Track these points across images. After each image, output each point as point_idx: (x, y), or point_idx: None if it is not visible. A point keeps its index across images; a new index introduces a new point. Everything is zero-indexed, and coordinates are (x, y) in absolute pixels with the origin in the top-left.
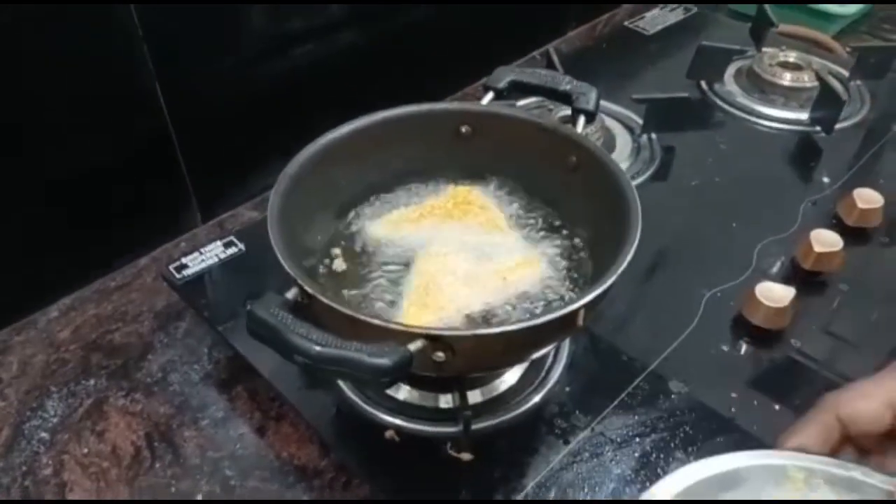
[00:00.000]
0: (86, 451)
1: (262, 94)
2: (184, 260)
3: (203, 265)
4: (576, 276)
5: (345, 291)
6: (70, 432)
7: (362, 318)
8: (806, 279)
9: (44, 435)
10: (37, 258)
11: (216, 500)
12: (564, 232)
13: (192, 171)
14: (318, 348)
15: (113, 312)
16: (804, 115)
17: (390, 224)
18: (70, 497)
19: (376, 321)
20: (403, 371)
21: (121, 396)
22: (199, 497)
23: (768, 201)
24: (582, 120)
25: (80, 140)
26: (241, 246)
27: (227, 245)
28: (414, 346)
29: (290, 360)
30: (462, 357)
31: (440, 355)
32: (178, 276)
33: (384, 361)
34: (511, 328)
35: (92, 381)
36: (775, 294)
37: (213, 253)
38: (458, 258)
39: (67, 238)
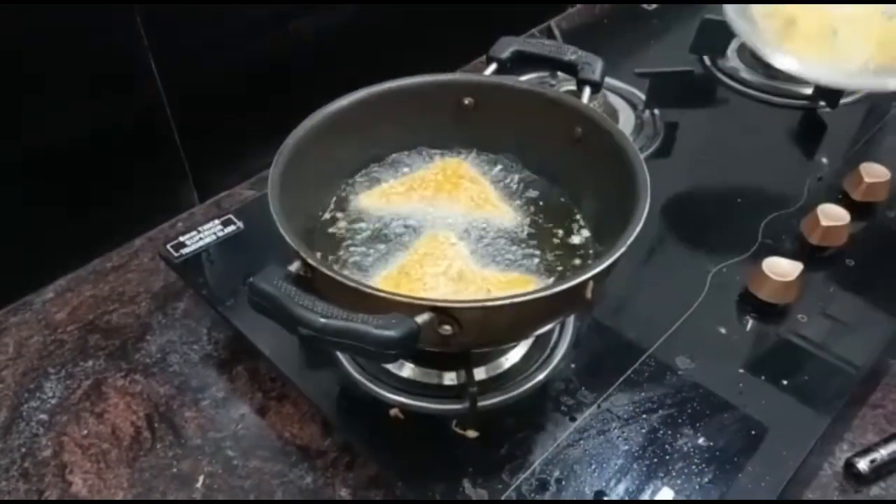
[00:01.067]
0: (85, 432)
1: (259, 71)
2: (182, 238)
3: (201, 243)
4: None
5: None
6: (69, 413)
7: (367, 289)
8: (813, 254)
9: (42, 416)
10: (31, 239)
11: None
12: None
13: (188, 151)
14: (323, 320)
15: (110, 293)
16: (808, 90)
17: (381, 196)
18: (70, 479)
19: (382, 293)
20: (410, 344)
21: (119, 377)
22: (201, 478)
23: (773, 177)
24: (587, 91)
25: (76, 119)
26: (240, 224)
27: (226, 223)
28: (421, 319)
29: (294, 333)
30: (469, 330)
31: (447, 328)
32: (175, 254)
33: (391, 333)
34: (520, 299)
35: (90, 363)
36: (783, 268)
37: (212, 231)
38: (460, 249)
39: (62, 219)
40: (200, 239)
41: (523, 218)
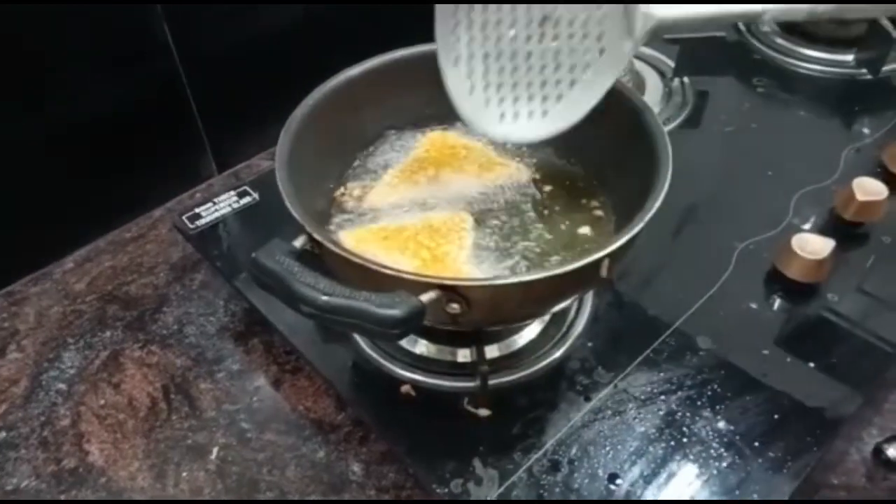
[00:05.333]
0: (102, 402)
1: (275, 38)
2: (197, 210)
3: (216, 215)
4: None
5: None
6: (87, 384)
7: (372, 266)
8: (846, 230)
9: (61, 386)
10: (52, 210)
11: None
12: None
13: (205, 121)
14: (324, 298)
15: (128, 264)
16: (849, 57)
17: (389, 188)
18: (87, 448)
19: (387, 269)
20: (415, 323)
21: (137, 348)
22: (215, 450)
23: (808, 148)
24: None
25: (94, 89)
26: (255, 195)
27: (241, 195)
28: (426, 297)
29: (297, 311)
30: (478, 309)
31: (454, 307)
32: (191, 226)
33: (394, 312)
34: (529, 278)
35: (108, 333)
36: (813, 246)
37: (227, 203)
38: (465, 238)
39: (81, 189)
40: (216, 210)
41: (533, 173)
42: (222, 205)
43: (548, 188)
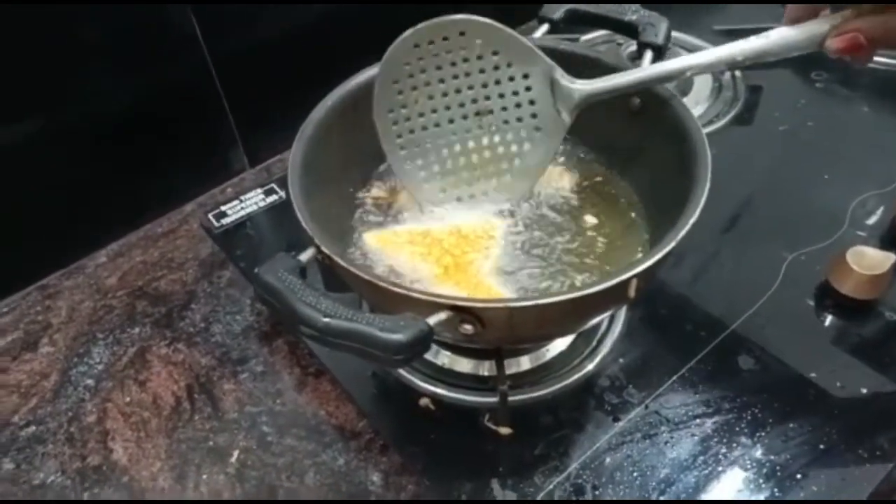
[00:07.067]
0: (128, 399)
1: (305, 30)
2: (223, 208)
3: (242, 213)
4: None
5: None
6: (114, 380)
7: (381, 284)
8: None
9: (89, 382)
10: (86, 204)
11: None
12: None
13: (236, 116)
14: (325, 319)
15: (159, 259)
16: None
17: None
18: (111, 446)
19: (395, 288)
20: (420, 348)
21: (164, 346)
22: (236, 453)
23: (869, 149)
24: (649, 55)
25: (125, 87)
26: (282, 193)
27: (268, 192)
28: (435, 319)
29: (298, 332)
30: (493, 330)
31: (468, 328)
32: (216, 224)
33: (398, 337)
34: (547, 301)
35: (136, 330)
36: (870, 260)
37: (253, 201)
38: (492, 248)
39: (115, 183)
40: (242, 209)
41: (573, 179)
42: (249, 203)
43: (587, 197)
